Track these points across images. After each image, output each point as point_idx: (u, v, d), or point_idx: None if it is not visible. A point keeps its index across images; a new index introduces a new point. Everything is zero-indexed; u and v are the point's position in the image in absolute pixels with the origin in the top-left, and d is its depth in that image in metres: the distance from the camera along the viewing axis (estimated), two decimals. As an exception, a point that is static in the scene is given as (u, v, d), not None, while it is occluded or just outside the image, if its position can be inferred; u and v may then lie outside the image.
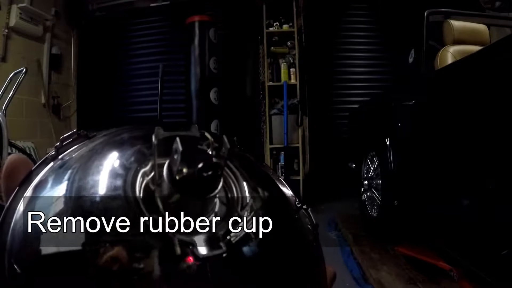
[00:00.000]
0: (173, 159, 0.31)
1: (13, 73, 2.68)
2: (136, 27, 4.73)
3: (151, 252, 0.30)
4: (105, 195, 0.31)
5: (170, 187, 0.32)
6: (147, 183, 0.33)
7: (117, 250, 0.29)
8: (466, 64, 1.69)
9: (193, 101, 3.85)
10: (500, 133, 1.34)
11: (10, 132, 2.35)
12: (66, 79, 4.69)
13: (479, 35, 2.26)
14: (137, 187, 0.32)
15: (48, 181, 0.33)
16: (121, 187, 0.32)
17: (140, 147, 0.35)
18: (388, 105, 2.53)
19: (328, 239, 2.68)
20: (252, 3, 4.14)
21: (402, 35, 3.93)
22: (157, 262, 0.29)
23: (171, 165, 0.32)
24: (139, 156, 0.34)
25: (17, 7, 3.69)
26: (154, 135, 0.33)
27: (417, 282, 1.72)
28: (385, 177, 2.29)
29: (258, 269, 0.30)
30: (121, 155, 0.35)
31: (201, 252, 0.30)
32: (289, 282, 0.33)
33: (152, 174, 0.33)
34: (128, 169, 0.33)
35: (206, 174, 0.31)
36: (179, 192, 0.31)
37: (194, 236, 0.32)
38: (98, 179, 0.32)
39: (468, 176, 1.56)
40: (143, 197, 0.31)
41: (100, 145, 0.36)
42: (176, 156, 0.31)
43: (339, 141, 4.05)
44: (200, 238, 0.32)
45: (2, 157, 2.14)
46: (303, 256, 0.35)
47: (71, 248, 0.28)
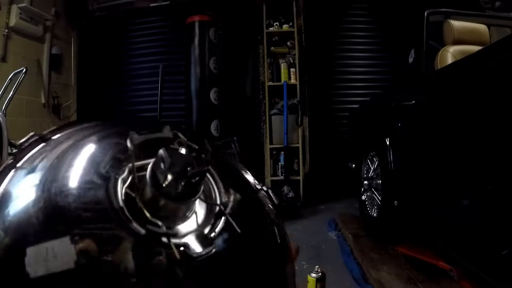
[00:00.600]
0: (158, 166, 0.31)
1: (13, 73, 2.68)
2: (136, 27, 4.73)
3: (149, 256, 0.30)
4: (84, 206, 0.30)
5: (154, 193, 0.31)
6: (126, 191, 0.32)
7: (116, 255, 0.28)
8: (466, 64, 1.69)
9: (193, 101, 3.84)
10: (500, 133, 1.34)
11: (10, 132, 2.35)
12: (66, 79, 4.69)
13: (479, 35, 2.26)
14: (118, 194, 0.31)
15: (12, 194, 0.32)
16: (102, 196, 0.31)
17: (104, 151, 0.35)
18: (388, 105, 2.53)
19: (328, 239, 2.68)
20: (252, 3, 4.14)
21: (402, 35, 3.93)
22: (154, 266, 0.29)
23: (156, 171, 0.32)
24: (114, 162, 0.34)
25: (17, 7, 3.69)
26: (129, 139, 0.33)
27: (417, 282, 1.72)
28: (385, 177, 2.29)
29: (229, 251, 0.32)
30: (89, 159, 0.34)
31: (196, 251, 0.31)
32: (253, 257, 0.35)
33: (129, 180, 0.33)
34: (105, 177, 0.32)
35: (194, 180, 0.32)
36: (165, 197, 0.31)
37: (185, 237, 0.32)
38: (72, 191, 0.31)
39: (468, 176, 1.56)
40: (126, 204, 0.31)
41: (60, 151, 0.35)
42: (162, 164, 0.31)
43: (339, 141, 4.05)
44: (191, 239, 0.32)
45: (2, 157, 2.14)
46: (265, 233, 0.38)
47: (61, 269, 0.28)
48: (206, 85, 3.81)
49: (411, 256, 1.99)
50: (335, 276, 1.94)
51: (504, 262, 1.33)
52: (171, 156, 0.32)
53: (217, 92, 3.85)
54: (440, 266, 1.78)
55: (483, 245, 1.50)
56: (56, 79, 4.48)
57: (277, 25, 4.06)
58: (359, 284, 1.90)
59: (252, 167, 3.07)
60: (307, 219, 3.29)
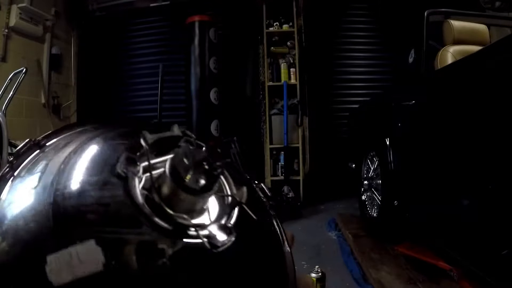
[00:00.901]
0: (179, 161, 0.32)
1: (13, 73, 2.68)
2: (136, 27, 4.73)
3: (175, 244, 0.30)
4: (104, 208, 0.30)
5: (174, 188, 0.32)
6: (143, 189, 0.33)
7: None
8: (466, 64, 1.69)
9: (193, 101, 3.84)
10: (500, 133, 1.34)
11: (10, 132, 2.35)
12: (66, 79, 4.69)
13: (479, 35, 2.26)
14: (137, 192, 0.32)
15: (15, 202, 0.31)
16: (122, 195, 0.31)
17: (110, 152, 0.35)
18: (388, 105, 2.53)
19: (328, 239, 2.68)
20: (252, 3, 4.14)
21: (402, 35, 3.93)
22: (186, 259, 0.31)
23: (178, 166, 0.33)
24: (127, 162, 0.34)
25: (17, 7, 3.69)
26: (142, 138, 0.34)
27: (417, 282, 1.72)
28: (385, 177, 2.29)
29: (247, 238, 0.36)
30: (100, 161, 0.34)
31: (220, 240, 0.33)
32: (266, 242, 0.40)
33: (144, 178, 0.33)
34: (121, 177, 0.32)
35: (216, 173, 0.34)
36: (186, 192, 0.33)
37: (207, 228, 0.34)
38: (89, 192, 0.31)
39: (468, 176, 1.56)
40: (146, 202, 0.32)
41: (66, 154, 0.35)
42: (185, 159, 0.33)
43: (339, 141, 4.05)
44: (214, 229, 0.34)
45: (2, 157, 2.14)
46: (271, 221, 0.42)
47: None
48: (206, 85, 3.81)
49: (411, 256, 1.99)
50: (335, 276, 1.94)
51: (504, 262, 1.33)
52: (191, 151, 0.35)
53: (217, 92, 3.85)
54: (440, 266, 1.78)
55: (483, 245, 1.50)
56: (56, 79, 4.48)
57: (277, 25, 4.06)
58: (359, 284, 1.90)
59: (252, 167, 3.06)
60: (307, 219, 3.29)
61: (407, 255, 2.02)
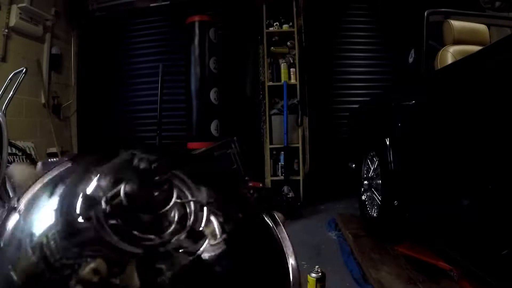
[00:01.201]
0: (129, 187, 0.34)
1: (13, 73, 2.68)
2: (136, 27, 4.73)
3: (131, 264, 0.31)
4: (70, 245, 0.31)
5: (133, 212, 0.34)
6: (110, 219, 0.34)
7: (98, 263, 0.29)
8: (466, 64, 1.69)
9: (193, 101, 3.84)
10: (500, 133, 1.34)
11: (10, 132, 2.35)
12: (66, 79, 4.69)
13: (479, 35, 2.26)
14: (104, 224, 0.33)
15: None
16: (88, 230, 0.32)
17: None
18: (388, 105, 2.53)
19: (328, 239, 2.68)
20: (252, 3, 4.14)
21: (402, 35, 3.93)
22: (163, 279, 0.31)
23: (129, 192, 0.35)
24: (87, 200, 0.35)
25: (17, 7, 3.69)
26: (96, 177, 0.36)
27: (417, 282, 1.72)
28: (385, 177, 2.29)
29: (221, 235, 0.36)
30: (64, 203, 0.36)
31: (193, 246, 0.33)
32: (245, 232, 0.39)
33: (108, 208, 0.34)
34: (85, 215, 0.34)
35: (163, 188, 0.35)
36: (143, 212, 0.34)
37: (178, 239, 0.34)
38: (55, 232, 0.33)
39: (468, 176, 1.56)
40: (112, 231, 0.33)
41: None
42: (131, 184, 0.35)
43: (339, 141, 4.05)
44: (184, 238, 0.34)
45: (2, 157, 2.14)
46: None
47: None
48: (206, 85, 3.81)
49: (411, 256, 1.99)
50: (335, 276, 1.94)
51: (504, 262, 1.33)
52: (139, 172, 0.37)
53: (217, 92, 3.85)
54: (440, 266, 1.78)
55: (483, 245, 1.50)
56: (56, 79, 4.48)
57: (277, 25, 4.06)
58: (359, 284, 1.90)
59: (252, 167, 3.06)
60: (307, 219, 3.29)
61: (407, 255, 2.02)
